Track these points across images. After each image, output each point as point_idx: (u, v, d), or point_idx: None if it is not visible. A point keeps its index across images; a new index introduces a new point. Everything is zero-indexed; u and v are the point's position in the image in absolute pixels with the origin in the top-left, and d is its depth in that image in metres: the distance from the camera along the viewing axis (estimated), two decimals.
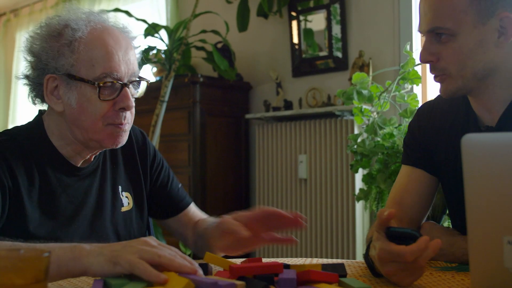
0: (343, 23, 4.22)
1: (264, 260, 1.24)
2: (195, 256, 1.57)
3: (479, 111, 1.53)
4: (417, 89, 3.61)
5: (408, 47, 2.71)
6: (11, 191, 1.42)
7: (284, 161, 4.30)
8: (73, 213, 1.53)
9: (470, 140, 0.95)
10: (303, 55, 4.48)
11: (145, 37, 4.37)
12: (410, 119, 2.72)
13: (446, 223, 2.73)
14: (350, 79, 3.69)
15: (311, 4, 4.40)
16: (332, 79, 4.30)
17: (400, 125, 2.80)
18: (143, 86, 1.58)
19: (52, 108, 1.52)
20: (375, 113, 2.86)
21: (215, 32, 4.41)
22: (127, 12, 4.46)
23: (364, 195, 2.86)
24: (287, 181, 4.28)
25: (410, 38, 3.78)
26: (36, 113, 1.60)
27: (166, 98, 4.12)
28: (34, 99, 1.56)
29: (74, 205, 1.54)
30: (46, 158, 1.52)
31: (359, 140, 2.83)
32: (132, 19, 4.35)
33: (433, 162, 1.61)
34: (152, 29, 4.39)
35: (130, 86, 1.50)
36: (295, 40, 4.51)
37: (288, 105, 4.44)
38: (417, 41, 3.80)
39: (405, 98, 2.77)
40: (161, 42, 4.43)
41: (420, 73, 2.77)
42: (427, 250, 1.09)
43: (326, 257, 3.98)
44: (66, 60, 1.45)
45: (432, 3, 1.42)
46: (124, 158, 1.69)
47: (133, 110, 1.53)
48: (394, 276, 1.13)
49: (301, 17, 4.48)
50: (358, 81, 2.85)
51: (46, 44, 1.47)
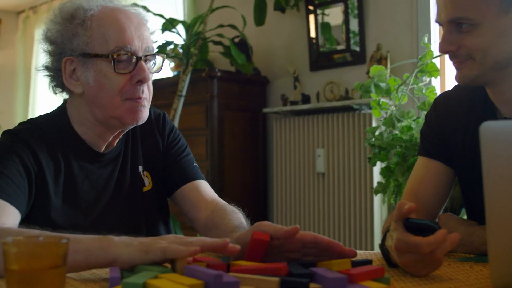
0: (361, 16, 4.20)
1: None
2: None
3: (497, 103, 1.51)
4: (435, 82, 3.59)
5: (426, 39, 2.69)
6: (37, 178, 1.45)
7: (302, 155, 4.30)
8: (95, 200, 1.55)
9: (489, 128, 0.94)
10: (321, 49, 4.47)
11: (163, 32, 4.37)
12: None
13: (465, 217, 2.71)
14: (368, 73, 3.67)
15: None
16: (350, 73, 4.29)
17: (418, 118, 2.78)
18: (160, 62, 1.59)
19: (72, 93, 1.55)
20: (393, 106, 2.85)
21: (232, 27, 4.41)
22: (145, 7, 4.46)
23: (382, 189, 2.84)
24: (305, 175, 4.28)
25: (428, 30, 3.75)
26: (60, 104, 1.64)
27: (184, 93, 4.12)
28: (55, 89, 1.60)
29: (96, 191, 1.57)
30: (69, 146, 1.54)
31: (377, 133, 2.82)
32: (150, 14, 4.35)
33: (450, 153, 1.60)
34: (170, 24, 4.39)
35: (146, 60, 1.52)
36: (313, 34, 4.50)
37: (306, 99, 4.43)
38: (435, 33, 3.78)
39: (423, 91, 2.75)
40: (179, 37, 4.44)
41: (439, 66, 2.76)
42: (445, 243, 1.08)
43: None
44: (80, 39, 1.48)
45: None
46: (143, 137, 1.70)
47: (151, 87, 1.55)
48: (410, 267, 1.12)
49: (319, 11, 4.46)
50: (376, 74, 2.84)
51: (61, 27, 1.51)
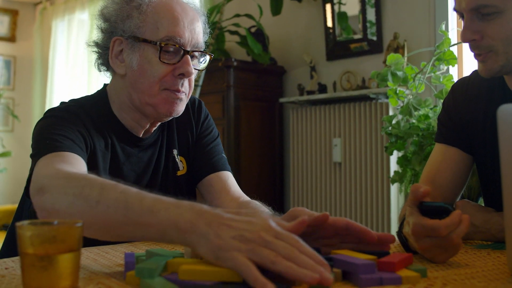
0: (378, 5, 4.17)
1: None
2: None
3: None
4: (453, 70, 3.56)
5: (444, 27, 2.67)
6: (90, 149, 1.47)
7: (319, 145, 4.29)
8: (134, 183, 1.56)
9: (506, 111, 0.92)
10: (337, 38, 4.45)
11: None
12: None
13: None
14: (385, 62, 3.65)
15: None
16: (367, 62, 4.27)
17: (436, 107, 2.76)
18: (207, 61, 1.59)
19: (114, 74, 1.57)
20: (410, 95, 2.83)
21: (249, 16, 4.40)
22: None
23: (399, 178, 2.83)
24: (322, 165, 4.27)
25: (446, 18, 3.72)
26: (99, 88, 1.65)
27: (200, 83, 4.13)
28: (100, 67, 1.60)
29: (136, 174, 1.59)
30: (111, 128, 1.56)
31: (394, 122, 2.81)
32: None
33: (468, 140, 1.59)
34: None
35: (193, 56, 1.53)
36: (329, 24, 4.47)
37: (322, 89, 4.42)
38: (453, 21, 3.74)
39: (441, 79, 2.73)
40: None
41: (456, 54, 2.73)
42: (461, 226, 1.08)
43: None
44: (133, 22, 1.49)
45: None
46: (179, 122, 1.71)
47: (193, 82, 1.56)
48: (429, 252, 1.11)
49: (335, 0, 4.44)
50: (393, 63, 2.82)
51: (117, 6, 1.52)
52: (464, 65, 3.68)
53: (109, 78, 1.64)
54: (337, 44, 4.45)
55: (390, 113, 3.78)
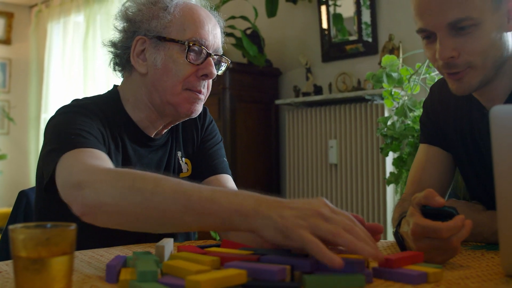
0: (373, 7, 4.18)
1: None
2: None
3: (482, 100, 1.49)
4: None
5: None
6: (107, 148, 1.47)
7: (314, 147, 4.29)
8: None
9: (499, 112, 0.92)
10: (333, 40, 4.45)
11: None
12: None
13: None
14: (380, 63, 3.65)
15: None
16: (362, 64, 4.27)
17: None
18: (224, 66, 1.64)
19: (130, 74, 1.59)
20: (405, 96, 2.83)
21: (244, 18, 4.40)
22: None
23: (395, 179, 2.83)
24: (318, 167, 4.27)
25: None
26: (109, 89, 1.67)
27: None
28: (116, 66, 1.62)
29: None
30: (123, 126, 1.57)
31: (389, 123, 2.81)
32: None
33: (446, 139, 1.61)
34: None
35: (213, 59, 1.56)
36: (325, 25, 4.48)
37: (318, 90, 4.42)
38: None
39: (436, 80, 2.73)
40: None
41: None
42: (462, 230, 1.08)
43: None
44: (160, 22, 1.52)
45: None
46: (184, 125, 1.72)
47: (211, 85, 1.59)
48: (427, 253, 1.11)
49: (330, 2, 4.44)
50: (388, 64, 2.83)
51: (143, 7, 1.56)
52: None
53: (121, 79, 1.65)
54: (333, 46, 4.45)
55: (386, 115, 3.78)
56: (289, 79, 4.78)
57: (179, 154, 1.70)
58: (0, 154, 7.00)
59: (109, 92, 1.64)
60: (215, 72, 1.55)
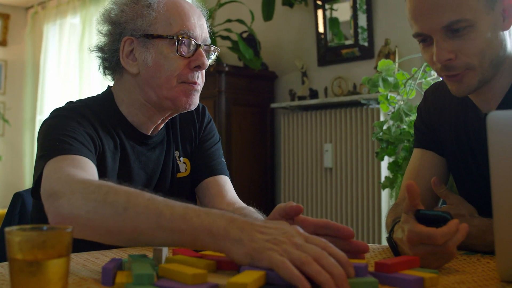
0: (369, 11, 4.19)
1: None
2: None
3: (477, 101, 1.50)
4: None
5: None
6: (99, 150, 1.47)
7: (310, 150, 4.29)
8: (146, 183, 1.60)
9: (496, 118, 0.93)
10: (329, 44, 4.46)
11: None
12: None
13: None
14: (376, 68, 3.66)
15: None
16: (358, 68, 4.28)
17: None
18: (214, 56, 1.64)
19: (123, 75, 1.59)
20: (401, 101, 2.84)
21: (240, 22, 4.41)
22: None
23: (390, 183, 2.84)
24: (313, 170, 4.27)
25: None
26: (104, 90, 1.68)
27: None
28: (105, 70, 1.63)
29: (146, 174, 1.61)
30: (119, 126, 1.57)
31: (385, 128, 2.81)
32: None
33: (441, 143, 1.62)
34: None
35: (203, 50, 1.56)
36: (321, 29, 4.48)
37: (314, 94, 4.43)
38: None
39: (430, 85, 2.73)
40: None
41: None
42: (457, 234, 1.08)
43: None
44: (145, 20, 1.52)
45: None
46: (182, 125, 1.73)
47: (204, 75, 1.60)
48: (423, 259, 1.11)
49: (327, 6, 4.45)
50: (384, 68, 2.83)
51: (126, 7, 1.55)
52: None
53: (112, 82, 1.65)
54: (329, 50, 4.46)
55: (381, 119, 3.79)
56: (285, 83, 4.78)
57: (177, 154, 1.70)
58: None
59: (103, 93, 1.65)
60: (207, 62, 1.56)
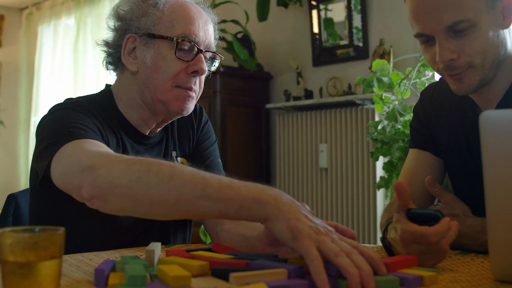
0: (364, 12, 4.19)
1: None
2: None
3: (479, 101, 1.50)
4: (438, 76, 3.57)
5: None
6: (106, 144, 1.45)
7: (305, 151, 4.29)
8: None
9: (488, 117, 0.93)
10: (324, 44, 4.46)
11: None
12: None
13: None
14: (371, 68, 3.67)
15: None
16: (353, 68, 4.28)
17: None
18: (217, 63, 1.63)
19: (122, 72, 1.58)
20: (396, 101, 2.84)
21: (235, 22, 4.41)
22: None
23: (385, 183, 2.84)
24: (308, 171, 4.27)
25: None
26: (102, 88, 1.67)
27: None
28: (108, 65, 1.62)
29: None
30: (118, 124, 1.56)
31: (380, 128, 2.81)
32: None
33: (437, 144, 1.62)
34: None
35: (205, 57, 1.55)
36: (315, 30, 4.48)
37: (309, 95, 4.43)
38: None
39: (426, 85, 2.74)
40: None
41: None
42: (450, 232, 1.08)
43: None
44: (149, 19, 1.51)
45: None
46: (180, 125, 1.72)
47: (203, 83, 1.58)
48: (417, 259, 1.12)
49: (321, 6, 4.45)
50: (379, 69, 2.83)
51: (133, 5, 1.55)
52: None
53: (114, 78, 1.64)
54: (324, 50, 4.46)
55: (376, 119, 3.79)
56: (280, 83, 4.78)
57: (174, 154, 1.69)
58: None
59: (102, 92, 1.63)
60: (206, 69, 1.53)
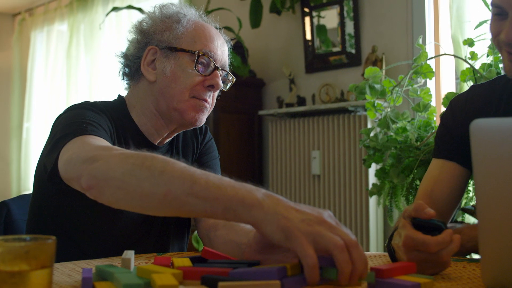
0: (356, 19, 4.20)
1: None
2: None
3: None
4: (430, 83, 3.59)
5: (421, 41, 2.69)
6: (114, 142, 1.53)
7: (297, 157, 4.29)
8: None
9: (479, 126, 0.93)
10: (316, 51, 4.47)
11: None
12: (425, 113, 2.71)
13: (460, 218, 2.71)
14: (363, 75, 3.68)
15: (324, 0, 4.38)
16: (345, 75, 4.29)
17: (413, 119, 2.78)
18: (230, 84, 1.71)
19: (138, 82, 1.65)
20: (388, 108, 2.85)
21: (228, 29, 4.41)
22: (140, 9, 4.47)
23: (377, 190, 2.84)
24: (301, 177, 4.27)
25: (423, 32, 3.75)
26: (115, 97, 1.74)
27: None
28: (124, 75, 1.70)
29: None
30: (129, 132, 1.62)
31: (372, 135, 2.82)
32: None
33: (466, 154, 1.59)
34: None
35: (220, 74, 1.63)
36: (308, 36, 4.49)
37: (301, 101, 4.43)
38: (430, 35, 3.77)
39: (418, 92, 2.75)
40: None
41: (433, 67, 2.75)
42: (451, 244, 1.09)
43: None
44: (172, 33, 1.61)
45: None
46: (184, 139, 1.78)
47: (215, 99, 1.67)
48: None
49: (314, 13, 4.46)
50: (371, 76, 2.84)
51: (158, 20, 1.64)
52: (441, 79, 3.71)
53: (127, 89, 1.71)
54: (316, 57, 4.47)
55: (368, 126, 3.79)
56: (273, 90, 4.78)
57: None
58: None
59: (116, 100, 1.70)
60: (221, 84, 1.62)
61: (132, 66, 1.66)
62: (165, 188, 1.06)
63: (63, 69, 6.43)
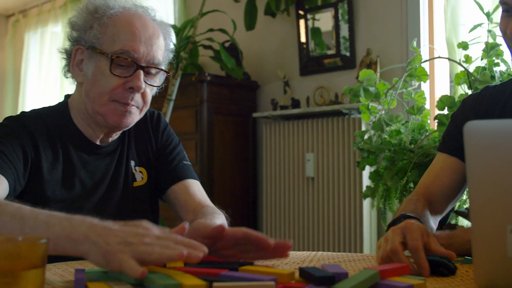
0: (351, 21, 4.21)
1: None
2: None
3: None
4: (424, 86, 3.60)
5: (415, 44, 2.69)
6: (33, 163, 1.50)
7: (292, 160, 4.29)
8: (92, 188, 1.60)
9: (473, 128, 0.93)
10: (311, 54, 4.47)
11: None
12: (419, 116, 2.72)
13: (454, 221, 2.71)
14: (358, 78, 3.68)
15: (319, 3, 4.39)
16: (340, 78, 4.29)
17: (407, 122, 2.79)
18: (162, 78, 1.62)
19: (74, 82, 1.61)
20: (382, 111, 2.85)
21: (223, 31, 4.41)
22: None
23: (371, 193, 2.84)
24: (295, 180, 4.27)
25: (418, 35, 3.76)
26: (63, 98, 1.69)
27: (173, 97, 4.11)
28: (66, 73, 1.64)
29: (93, 182, 1.61)
30: (69, 136, 1.59)
31: (366, 137, 2.82)
32: None
33: None
34: None
35: (148, 72, 1.55)
36: (303, 39, 4.50)
37: (296, 104, 4.43)
38: (425, 38, 3.78)
39: (412, 95, 2.75)
40: None
41: (428, 70, 2.76)
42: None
43: None
44: (93, 33, 1.53)
45: None
46: (137, 134, 1.72)
47: (148, 97, 1.58)
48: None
49: (309, 16, 4.47)
50: (365, 78, 2.84)
51: (85, 16, 1.56)
52: (436, 81, 3.72)
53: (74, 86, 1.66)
54: (311, 60, 4.47)
55: (363, 128, 3.80)
56: (267, 92, 4.78)
57: (132, 164, 1.69)
58: None
59: (60, 103, 1.66)
60: (142, 86, 1.52)
61: (68, 65, 1.61)
62: (1, 233, 1.09)
63: (57, 71, 6.41)
